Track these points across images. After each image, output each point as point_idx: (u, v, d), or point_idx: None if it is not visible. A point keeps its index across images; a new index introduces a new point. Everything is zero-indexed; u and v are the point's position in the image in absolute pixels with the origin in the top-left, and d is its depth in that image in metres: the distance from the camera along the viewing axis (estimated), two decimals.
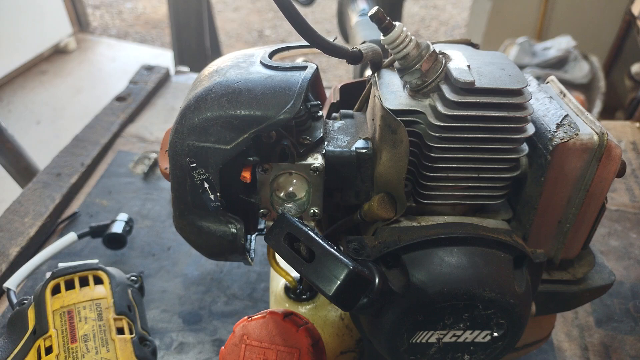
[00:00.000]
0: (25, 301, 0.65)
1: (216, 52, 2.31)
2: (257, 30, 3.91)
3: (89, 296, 0.63)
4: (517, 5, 2.60)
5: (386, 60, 0.55)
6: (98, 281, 0.66)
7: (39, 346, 0.58)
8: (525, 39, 2.45)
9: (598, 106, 2.30)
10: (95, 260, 0.69)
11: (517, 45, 2.42)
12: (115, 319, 0.61)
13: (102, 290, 0.64)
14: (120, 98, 1.23)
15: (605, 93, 2.35)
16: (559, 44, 2.39)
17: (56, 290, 0.64)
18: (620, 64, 2.55)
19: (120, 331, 0.61)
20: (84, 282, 0.65)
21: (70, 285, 0.65)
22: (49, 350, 0.58)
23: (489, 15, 2.65)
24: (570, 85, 2.30)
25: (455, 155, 0.48)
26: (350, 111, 0.60)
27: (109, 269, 0.68)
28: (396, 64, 0.51)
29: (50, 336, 0.58)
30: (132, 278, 0.71)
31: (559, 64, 2.38)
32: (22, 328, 0.61)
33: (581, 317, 0.79)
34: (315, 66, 0.52)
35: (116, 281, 0.66)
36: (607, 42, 2.57)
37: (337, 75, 3.39)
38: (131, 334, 0.61)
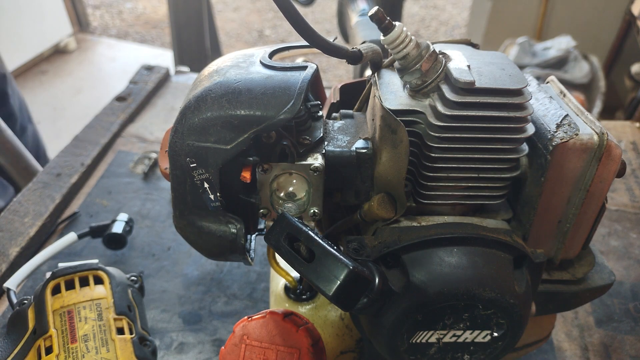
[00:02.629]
0: (26, 301, 0.65)
1: (216, 52, 2.32)
2: (257, 30, 3.91)
3: (89, 296, 0.63)
4: (517, 5, 2.60)
5: (386, 60, 0.55)
6: (98, 281, 0.66)
7: (39, 346, 0.58)
8: (525, 39, 2.45)
9: (598, 106, 2.30)
10: (95, 260, 0.68)
11: (517, 45, 2.42)
12: (115, 319, 0.61)
13: (102, 290, 0.64)
14: (120, 98, 1.23)
15: (605, 93, 2.35)
16: (559, 44, 2.39)
17: (56, 290, 0.64)
18: (620, 64, 2.55)
19: (120, 331, 0.61)
20: (84, 282, 0.65)
21: (70, 285, 0.65)
22: (49, 350, 0.58)
23: (489, 15, 2.65)
24: (570, 85, 2.30)
25: (455, 155, 0.48)
26: (350, 111, 0.60)
27: (109, 269, 0.68)
28: (396, 64, 0.51)
29: (51, 336, 0.58)
30: (132, 278, 0.71)
31: (559, 64, 2.38)
32: (22, 328, 0.61)
33: (581, 317, 0.79)
34: (315, 66, 0.52)
35: (116, 281, 0.66)
36: (607, 42, 2.57)
37: (337, 75, 3.40)
38: (131, 334, 0.61)
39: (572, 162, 0.48)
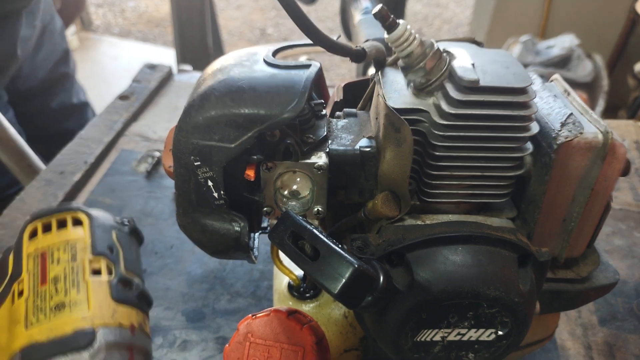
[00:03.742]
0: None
1: (219, 51, 2.32)
2: (260, 28, 3.91)
3: (65, 237, 0.60)
4: (520, 3, 2.60)
5: (390, 59, 0.55)
6: (77, 223, 0.62)
7: (14, 290, 0.56)
8: (529, 37, 2.44)
9: (601, 105, 2.30)
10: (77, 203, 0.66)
11: (521, 43, 2.42)
12: (91, 260, 0.58)
13: (80, 232, 0.61)
14: (123, 96, 1.23)
15: (608, 92, 2.34)
16: (562, 43, 2.39)
17: (33, 234, 0.61)
18: (624, 63, 2.55)
19: (96, 272, 0.58)
20: (62, 225, 0.62)
21: (47, 229, 0.62)
22: (21, 294, 0.56)
23: (492, 14, 2.64)
24: (573, 83, 2.30)
25: (459, 154, 0.48)
26: (353, 110, 0.59)
27: (93, 210, 0.64)
28: (400, 62, 0.51)
29: (23, 280, 0.56)
30: (123, 221, 0.67)
31: (562, 62, 2.38)
32: (2, 274, 0.60)
33: (585, 316, 0.79)
34: (318, 64, 0.52)
35: (98, 222, 0.62)
36: (610, 41, 2.56)
37: (339, 74, 3.40)
38: (110, 275, 0.58)
39: (576, 160, 0.48)
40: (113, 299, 0.56)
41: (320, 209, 0.52)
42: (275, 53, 0.54)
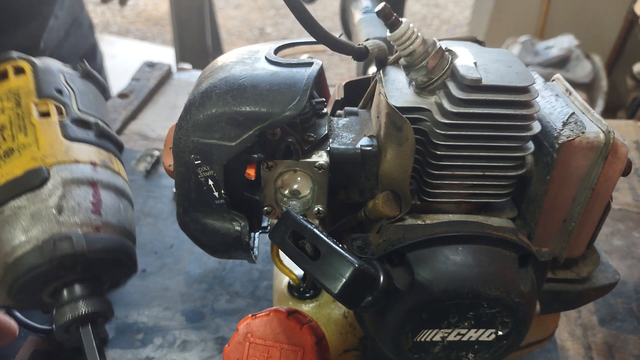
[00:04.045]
0: None
1: (218, 50, 2.31)
2: (259, 27, 3.91)
3: (6, 87, 0.56)
4: (519, 3, 2.60)
5: (391, 57, 0.55)
6: (19, 71, 0.58)
7: None
8: (528, 37, 2.45)
9: (600, 105, 2.31)
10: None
11: (519, 44, 2.42)
12: (37, 104, 0.55)
13: (23, 79, 0.57)
14: (122, 95, 1.23)
15: (607, 92, 2.35)
16: (561, 43, 2.39)
17: None
18: (623, 63, 2.55)
19: (44, 115, 0.54)
20: (3, 76, 0.58)
21: None
22: None
23: (491, 14, 2.65)
24: (572, 84, 2.30)
25: (460, 153, 0.48)
26: (354, 108, 0.59)
27: (37, 58, 0.61)
28: (402, 60, 0.50)
29: None
30: (75, 66, 0.64)
31: (560, 63, 2.39)
32: None
33: (584, 316, 0.79)
34: (320, 63, 0.52)
35: (43, 68, 0.59)
36: (609, 42, 2.57)
37: (338, 73, 3.40)
38: (61, 115, 0.55)
39: (578, 160, 0.48)
40: (66, 138, 0.53)
41: (320, 208, 0.52)
42: (277, 51, 0.54)
